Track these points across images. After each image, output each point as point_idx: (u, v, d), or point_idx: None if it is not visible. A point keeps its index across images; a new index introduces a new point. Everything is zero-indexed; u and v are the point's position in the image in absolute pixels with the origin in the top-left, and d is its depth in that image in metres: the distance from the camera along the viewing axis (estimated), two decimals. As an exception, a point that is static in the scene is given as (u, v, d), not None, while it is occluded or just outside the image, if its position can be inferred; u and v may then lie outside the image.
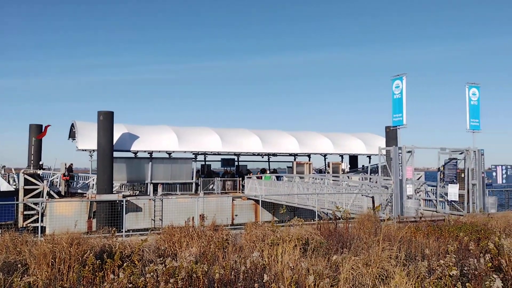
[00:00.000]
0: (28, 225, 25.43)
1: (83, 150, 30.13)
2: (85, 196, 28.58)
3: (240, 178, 34.45)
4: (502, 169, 22.24)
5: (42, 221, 23.77)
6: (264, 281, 6.25)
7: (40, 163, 32.30)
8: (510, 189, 23.33)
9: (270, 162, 42.60)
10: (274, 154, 39.69)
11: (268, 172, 38.62)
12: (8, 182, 28.69)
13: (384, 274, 6.70)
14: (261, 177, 33.19)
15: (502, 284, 5.72)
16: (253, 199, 30.09)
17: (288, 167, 40.52)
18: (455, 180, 19.81)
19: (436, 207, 20.51)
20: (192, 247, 9.08)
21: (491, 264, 6.98)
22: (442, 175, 20.36)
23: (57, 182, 30.68)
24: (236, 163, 40.91)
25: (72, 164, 33.72)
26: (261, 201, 24.57)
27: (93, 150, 29.67)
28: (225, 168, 40.63)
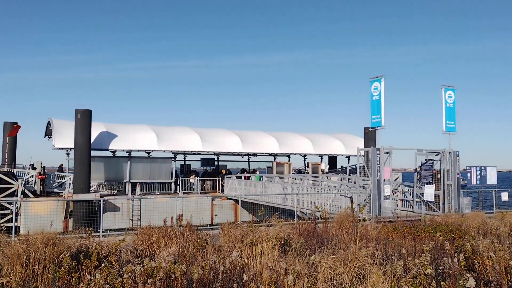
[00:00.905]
0: (2, 225, 24.78)
1: (59, 148, 29.60)
2: (62, 196, 28.07)
3: (220, 178, 34.37)
4: (476, 170, 22.77)
5: (16, 220, 23.24)
6: (243, 281, 6.25)
7: (31, 163, 31.13)
8: (484, 190, 23.93)
9: (250, 162, 42.65)
10: (254, 154, 39.76)
11: (257, 172, 38.64)
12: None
13: (362, 273, 6.79)
14: (247, 177, 33.18)
15: (475, 283, 5.86)
16: (232, 199, 30.05)
17: (268, 167, 40.62)
18: (431, 181, 20.21)
19: (412, 207, 20.89)
20: (170, 248, 9.01)
21: (465, 263, 7.15)
22: (418, 176, 20.74)
23: (32, 181, 30.00)
24: (216, 163, 40.81)
25: (62, 164, 33.05)
26: (241, 201, 24.57)
27: (70, 149, 29.18)
28: (205, 168, 40.52)
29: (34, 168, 30.67)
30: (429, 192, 19.88)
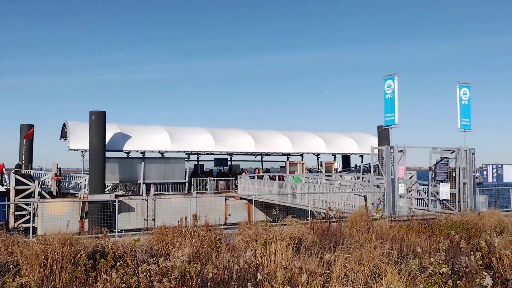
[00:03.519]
0: (20, 225, 25.25)
1: (75, 150, 30.00)
2: (77, 196, 28.44)
3: (233, 178, 34.46)
4: (492, 168, 22.45)
5: (33, 221, 23.63)
6: (257, 280, 6.27)
7: (59, 167, 30.45)
8: (501, 188, 23.56)
9: (263, 162, 42.67)
10: (267, 154, 39.75)
11: (261, 171, 38.63)
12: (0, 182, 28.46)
13: (376, 272, 6.76)
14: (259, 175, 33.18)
15: (492, 282, 5.80)
16: (246, 199, 30.11)
17: (281, 166, 40.60)
18: (446, 179, 19.97)
19: (427, 206, 20.67)
20: (185, 247, 9.07)
21: (481, 262, 7.06)
22: (433, 174, 20.51)
23: (48, 182, 30.48)
24: (229, 163, 40.92)
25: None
26: (254, 200, 24.61)
27: (85, 150, 29.56)
28: (217, 168, 40.66)
29: (61, 174, 30.09)
30: (444, 190, 19.65)
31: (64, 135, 33.63)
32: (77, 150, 30.15)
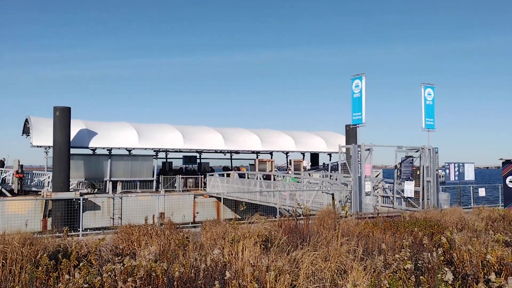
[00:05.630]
0: (-22, 225, 24.19)
1: (38, 146, 29.04)
2: (40, 194, 27.54)
3: (202, 176, 34.23)
4: (454, 167, 23.19)
5: (-8, 220, 22.69)
6: (225, 278, 6.23)
7: (21, 164, 29.26)
8: (462, 186, 24.40)
9: (233, 160, 42.59)
10: (237, 152, 39.70)
11: (244, 169, 38.51)
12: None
13: (343, 269, 6.85)
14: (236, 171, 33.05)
15: (453, 277, 5.97)
16: (215, 197, 29.96)
17: (250, 164, 40.64)
18: (411, 177, 20.50)
19: (393, 204, 21.16)
20: (151, 246, 8.92)
21: (443, 257, 7.27)
22: (399, 173, 21.01)
23: (9, 179, 29.36)
24: (198, 161, 40.63)
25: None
26: (223, 198, 24.51)
27: (49, 147, 28.67)
28: (186, 166, 40.29)
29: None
30: (409, 188, 20.17)
31: (26, 131, 32.51)
32: (40, 146, 29.21)
